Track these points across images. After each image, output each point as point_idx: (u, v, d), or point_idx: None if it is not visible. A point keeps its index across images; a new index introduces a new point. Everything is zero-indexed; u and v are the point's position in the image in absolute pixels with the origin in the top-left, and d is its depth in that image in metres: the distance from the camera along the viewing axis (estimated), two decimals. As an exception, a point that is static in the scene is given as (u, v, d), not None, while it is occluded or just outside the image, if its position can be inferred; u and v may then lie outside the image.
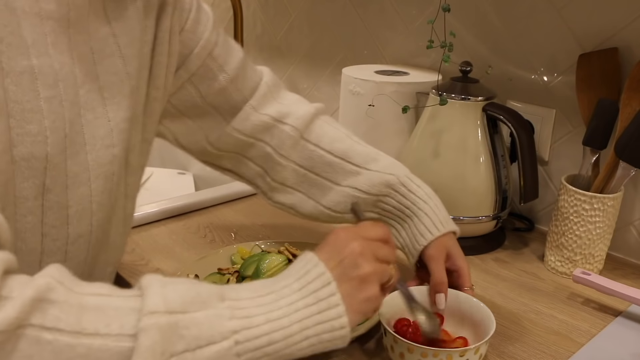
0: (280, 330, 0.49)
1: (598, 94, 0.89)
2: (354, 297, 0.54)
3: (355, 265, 0.54)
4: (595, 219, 0.84)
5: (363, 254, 0.55)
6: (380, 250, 0.57)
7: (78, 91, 0.57)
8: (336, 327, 0.52)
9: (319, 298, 0.52)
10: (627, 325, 0.77)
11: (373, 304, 0.56)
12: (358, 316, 0.54)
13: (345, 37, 1.31)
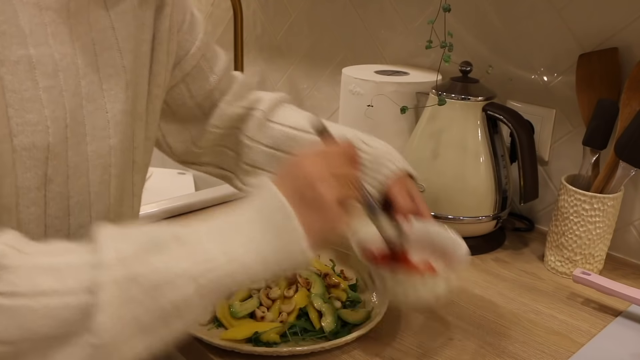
0: (242, 269, 0.50)
1: (598, 94, 0.89)
2: (313, 221, 0.53)
3: (312, 189, 0.53)
4: (595, 219, 0.84)
5: (322, 178, 0.54)
6: (341, 170, 0.56)
7: (80, 82, 0.58)
8: (297, 255, 0.52)
9: (280, 229, 0.51)
10: (627, 325, 0.77)
11: (334, 229, 0.55)
12: (320, 240, 0.54)
13: (345, 37, 1.31)
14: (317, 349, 0.67)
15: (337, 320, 0.71)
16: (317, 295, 0.73)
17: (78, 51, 0.58)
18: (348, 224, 0.57)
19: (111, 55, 0.61)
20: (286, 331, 0.70)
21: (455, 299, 0.81)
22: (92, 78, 0.59)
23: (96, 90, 0.60)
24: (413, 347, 0.71)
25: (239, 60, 1.45)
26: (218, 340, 0.68)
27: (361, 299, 0.77)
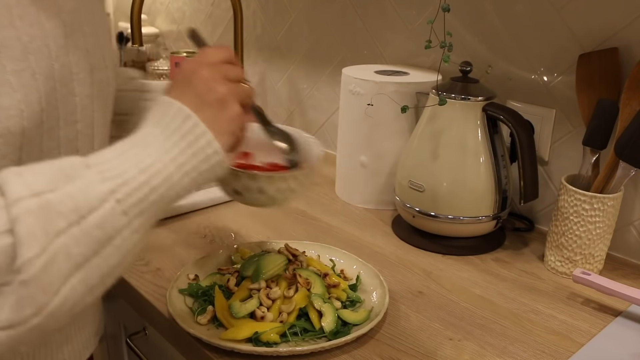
0: (158, 176, 0.50)
1: (598, 94, 0.89)
2: (217, 119, 0.54)
3: (209, 90, 0.55)
4: (595, 219, 0.84)
5: (214, 78, 0.55)
6: (229, 71, 0.57)
7: (53, 65, 0.57)
8: (210, 154, 0.53)
9: (184, 132, 0.52)
10: (627, 325, 0.77)
11: (238, 122, 0.56)
12: (228, 137, 0.55)
13: (345, 37, 1.31)
14: (317, 349, 0.68)
15: (337, 320, 0.71)
16: (317, 295, 0.73)
17: (49, 33, 0.57)
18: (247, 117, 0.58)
19: (78, 38, 0.62)
20: (286, 331, 0.70)
21: (456, 299, 0.81)
22: (64, 61, 0.59)
23: (67, 73, 0.60)
24: (413, 347, 0.71)
25: (239, 61, 1.45)
26: (218, 340, 0.68)
27: (361, 299, 0.77)
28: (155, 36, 1.93)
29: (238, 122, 0.56)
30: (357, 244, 0.97)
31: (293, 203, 1.11)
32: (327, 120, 1.41)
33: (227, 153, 0.56)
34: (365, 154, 1.08)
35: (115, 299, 0.97)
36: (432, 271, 0.89)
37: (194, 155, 0.52)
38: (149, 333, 0.90)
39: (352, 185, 1.13)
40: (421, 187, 0.94)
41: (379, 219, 1.07)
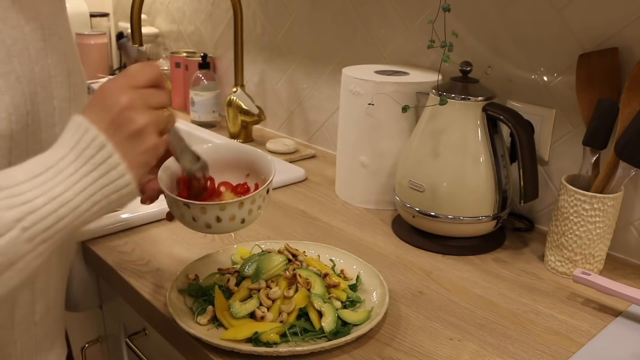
0: (66, 205, 0.50)
1: (598, 94, 0.89)
2: (132, 151, 0.53)
3: (128, 121, 0.53)
4: (595, 219, 0.84)
5: (134, 107, 0.53)
6: (152, 98, 0.55)
7: (33, 68, 0.58)
8: (121, 186, 0.53)
9: (98, 163, 0.51)
10: (627, 325, 0.77)
11: (153, 154, 0.55)
12: (141, 169, 0.54)
13: (345, 37, 1.31)
14: (317, 349, 0.68)
15: (337, 320, 0.71)
16: (317, 295, 0.73)
17: (28, 36, 0.57)
18: (163, 147, 0.56)
19: (55, 41, 0.62)
20: (286, 331, 0.70)
21: (456, 299, 0.81)
22: (43, 64, 0.59)
23: (46, 77, 0.60)
24: (413, 347, 0.71)
25: (239, 60, 1.45)
26: (218, 340, 0.68)
27: (361, 299, 0.77)
28: (155, 36, 1.93)
29: (152, 154, 0.55)
30: (357, 244, 0.97)
31: (293, 203, 1.11)
32: (327, 120, 1.41)
33: (138, 182, 0.55)
34: (365, 154, 1.08)
35: (115, 299, 0.97)
36: (432, 271, 0.89)
37: (105, 186, 0.52)
38: (148, 333, 0.90)
39: (352, 185, 1.13)
40: (421, 187, 0.94)
41: (379, 219, 1.07)
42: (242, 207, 0.64)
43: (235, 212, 0.64)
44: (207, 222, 0.64)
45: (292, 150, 1.38)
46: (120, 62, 2.01)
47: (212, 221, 0.64)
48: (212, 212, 0.63)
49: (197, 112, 1.58)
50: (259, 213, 0.67)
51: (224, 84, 1.69)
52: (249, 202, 0.65)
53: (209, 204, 0.64)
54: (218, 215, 0.64)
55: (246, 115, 1.44)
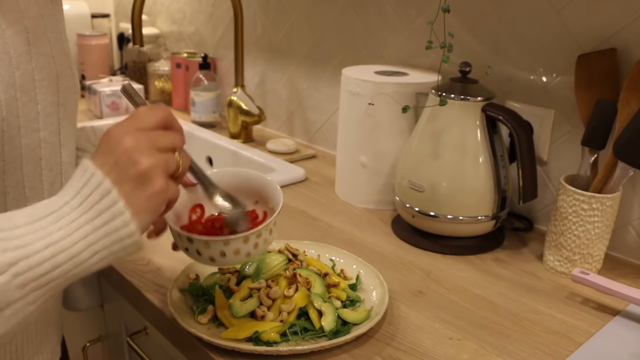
0: (64, 252, 0.47)
1: (597, 94, 0.89)
2: (137, 197, 0.50)
3: (131, 163, 0.50)
4: (593, 218, 0.84)
5: (138, 149, 0.50)
6: (161, 139, 0.53)
7: (14, 72, 0.56)
8: (124, 237, 0.50)
9: (101, 210, 0.49)
10: (625, 324, 0.78)
11: (160, 198, 0.52)
12: (147, 215, 0.51)
13: (345, 37, 1.32)
14: (317, 348, 0.68)
15: (337, 320, 0.72)
16: (317, 294, 0.73)
17: (9, 40, 0.56)
18: (176, 192, 0.54)
19: (42, 44, 0.60)
20: (286, 330, 0.70)
21: (455, 299, 0.82)
22: (25, 68, 0.58)
23: (29, 81, 0.59)
24: (413, 347, 0.71)
25: (240, 61, 1.45)
26: (218, 339, 0.68)
27: (361, 299, 0.78)
28: (156, 37, 1.94)
29: (160, 199, 0.52)
30: (357, 244, 0.97)
31: (293, 203, 1.12)
32: (327, 120, 1.41)
33: (145, 230, 0.52)
34: (365, 154, 1.09)
35: (116, 298, 0.97)
36: (431, 271, 0.89)
37: (106, 235, 0.49)
38: (149, 332, 0.90)
39: (352, 185, 1.13)
40: (421, 187, 0.94)
41: (379, 219, 1.07)
42: (247, 242, 0.62)
43: (240, 246, 0.62)
44: (210, 256, 0.62)
45: (292, 150, 1.38)
46: (121, 62, 2.01)
47: (216, 256, 0.62)
48: (216, 247, 0.62)
49: (197, 112, 1.58)
50: (266, 245, 0.65)
51: (224, 85, 1.69)
52: (254, 237, 0.62)
53: (212, 239, 0.62)
54: (222, 250, 0.62)
55: (246, 115, 1.44)
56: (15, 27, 0.57)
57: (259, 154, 1.35)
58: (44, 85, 0.61)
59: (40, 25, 0.61)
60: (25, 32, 0.58)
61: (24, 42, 0.58)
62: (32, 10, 0.60)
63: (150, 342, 0.91)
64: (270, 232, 0.65)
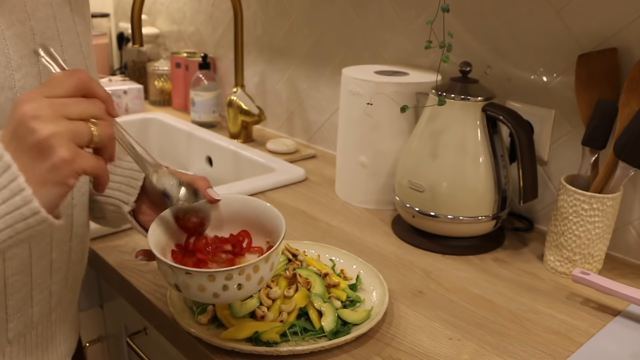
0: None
1: (597, 94, 0.89)
2: (36, 168, 0.46)
3: (29, 132, 0.45)
4: (594, 218, 0.84)
5: (37, 116, 0.45)
6: (71, 107, 0.48)
7: (13, 75, 0.55)
8: (28, 215, 0.46)
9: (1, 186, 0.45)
10: (626, 324, 0.77)
11: (64, 170, 0.47)
12: (52, 189, 0.47)
13: (345, 37, 1.32)
14: (317, 348, 0.68)
15: (337, 320, 0.71)
16: (317, 295, 0.73)
17: (9, 41, 0.54)
18: (91, 164, 0.49)
19: (52, 46, 0.58)
20: (286, 331, 0.70)
21: (455, 299, 0.82)
22: (28, 70, 0.56)
23: (34, 84, 0.56)
24: (413, 347, 0.71)
25: (240, 61, 1.45)
26: (218, 339, 0.68)
27: (361, 299, 0.78)
28: (155, 36, 1.94)
29: (64, 171, 0.47)
30: (357, 244, 0.97)
31: (293, 203, 1.12)
32: (327, 120, 1.41)
33: (54, 205, 0.48)
34: (365, 154, 1.09)
35: (116, 298, 0.97)
36: (431, 271, 0.89)
37: (8, 214, 0.46)
38: (149, 333, 0.90)
39: (352, 185, 1.13)
40: (421, 187, 0.94)
41: (379, 219, 1.07)
42: (233, 277, 0.58)
43: (222, 282, 0.58)
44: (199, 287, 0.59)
45: (292, 150, 1.38)
46: (120, 62, 2.01)
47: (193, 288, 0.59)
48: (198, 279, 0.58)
49: (197, 112, 1.58)
50: (257, 284, 0.60)
51: (224, 85, 1.69)
52: (250, 269, 0.58)
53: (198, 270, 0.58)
54: (201, 284, 0.58)
55: (246, 115, 1.44)
56: (18, 28, 0.56)
57: (259, 154, 1.35)
58: None
59: (51, 27, 0.59)
60: (30, 34, 0.57)
61: (28, 44, 0.57)
62: (42, 11, 0.58)
63: (150, 342, 0.91)
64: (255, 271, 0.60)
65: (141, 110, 1.70)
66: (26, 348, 0.67)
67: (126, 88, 1.66)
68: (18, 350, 0.66)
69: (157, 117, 1.66)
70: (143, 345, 0.91)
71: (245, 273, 0.59)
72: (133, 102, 1.67)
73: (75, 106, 0.48)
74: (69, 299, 0.73)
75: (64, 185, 0.47)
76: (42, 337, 0.69)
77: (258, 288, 0.61)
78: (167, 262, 0.59)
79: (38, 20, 0.58)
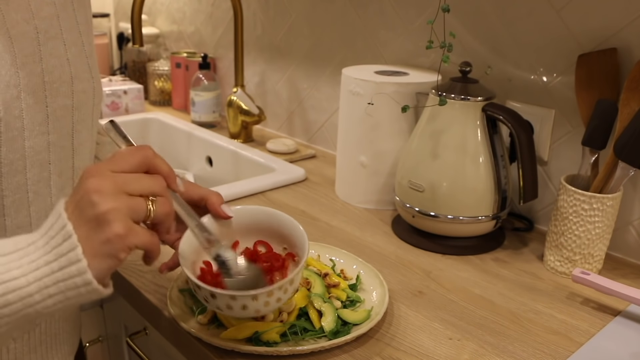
0: (16, 291, 0.46)
1: (597, 94, 0.89)
2: (92, 240, 0.48)
3: (90, 205, 0.48)
4: (594, 218, 0.84)
5: (100, 190, 0.48)
6: (132, 183, 0.50)
7: (18, 73, 0.55)
8: (79, 284, 0.48)
9: (60, 254, 0.48)
10: (626, 324, 0.77)
11: (116, 245, 0.49)
12: (104, 261, 0.49)
13: (345, 37, 1.32)
14: (317, 348, 0.68)
15: (337, 320, 0.71)
16: (317, 295, 0.73)
17: (14, 40, 0.55)
18: (145, 239, 0.51)
19: (56, 45, 0.59)
20: (286, 331, 0.70)
21: (455, 299, 0.82)
22: (32, 69, 0.57)
23: (37, 82, 0.57)
24: (413, 347, 0.71)
25: (239, 61, 1.45)
26: (218, 340, 0.68)
27: (361, 299, 0.78)
28: (155, 36, 1.94)
29: (117, 245, 0.49)
30: (357, 244, 0.97)
31: (293, 203, 1.12)
32: (327, 120, 1.41)
33: (106, 275, 0.50)
34: (365, 154, 1.09)
35: (116, 298, 0.97)
36: (432, 271, 0.89)
37: (62, 281, 0.48)
38: (149, 333, 0.90)
39: (352, 185, 1.13)
40: (421, 187, 0.94)
41: (379, 219, 1.07)
42: (256, 300, 0.60)
43: (248, 302, 0.61)
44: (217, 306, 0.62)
45: (292, 150, 1.38)
46: (121, 62, 2.01)
47: (223, 307, 0.62)
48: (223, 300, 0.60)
49: (197, 112, 1.58)
50: (278, 303, 0.63)
51: (224, 85, 1.69)
52: (264, 296, 0.61)
53: (222, 292, 0.60)
54: (228, 303, 0.61)
55: (246, 115, 1.44)
56: (23, 27, 0.56)
57: (259, 154, 1.35)
58: (54, 88, 0.59)
59: (55, 26, 0.60)
60: (34, 33, 0.57)
61: (32, 43, 0.57)
62: (46, 10, 0.59)
63: (149, 342, 0.91)
64: (284, 291, 0.63)
65: (141, 110, 1.70)
66: (30, 345, 0.67)
67: (126, 88, 1.66)
68: (22, 347, 0.66)
69: (157, 117, 1.66)
70: (143, 345, 0.91)
71: (284, 287, 0.62)
72: (133, 102, 1.67)
73: (136, 183, 0.50)
74: None
75: (115, 258, 0.49)
76: (45, 335, 0.69)
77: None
78: (207, 287, 0.60)
79: (42, 19, 0.58)
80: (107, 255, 0.49)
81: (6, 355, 0.65)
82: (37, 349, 0.69)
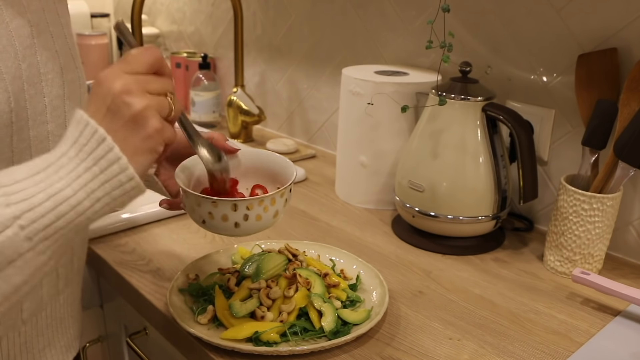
0: (66, 202, 0.48)
1: (597, 94, 0.89)
2: (132, 139, 0.51)
3: (124, 106, 0.50)
4: (594, 218, 0.84)
5: (129, 91, 0.51)
6: (152, 83, 0.53)
7: (20, 65, 0.57)
8: (124, 181, 0.51)
9: (98, 157, 0.50)
10: (626, 324, 0.77)
11: (157, 139, 0.52)
12: (144, 157, 0.52)
13: (345, 37, 1.31)
14: (317, 348, 0.68)
15: (337, 320, 0.71)
16: (317, 295, 0.73)
17: (14, 33, 0.57)
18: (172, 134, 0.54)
19: (45, 38, 0.61)
20: (286, 331, 0.70)
21: (455, 299, 0.82)
22: (31, 61, 0.59)
23: (35, 74, 0.60)
24: (413, 347, 0.71)
25: (239, 61, 1.45)
26: (218, 339, 0.68)
27: (361, 299, 0.78)
28: (155, 36, 1.94)
29: (156, 140, 0.52)
30: (357, 244, 0.97)
31: (293, 203, 1.12)
32: (327, 120, 1.41)
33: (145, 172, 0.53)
34: (365, 154, 1.09)
35: (116, 298, 0.97)
36: (432, 271, 0.89)
37: (106, 182, 0.50)
38: (149, 333, 0.90)
39: (352, 185, 1.13)
40: (421, 187, 0.94)
41: (379, 219, 1.07)
42: (254, 207, 0.63)
43: (244, 212, 0.63)
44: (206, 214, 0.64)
45: (292, 150, 1.38)
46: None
47: (207, 216, 0.64)
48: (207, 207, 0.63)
49: (197, 112, 1.58)
50: (273, 217, 0.65)
51: (224, 84, 1.69)
52: (268, 201, 0.64)
53: (221, 200, 0.63)
54: (210, 211, 0.63)
55: (246, 115, 1.44)
56: (19, 20, 0.58)
57: (259, 153, 1.34)
58: (49, 79, 0.62)
59: (43, 20, 0.62)
60: (28, 26, 0.59)
61: (28, 36, 0.59)
62: (34, 4, 0.60)
63: (149, 342, 0.91)
64: (273, 203, 0.65)
65: (141, 110, 1.69)
66: (38, 328, 0.69)
67: (126, 88, 1.66)
68: (31, 330, 0.68)
69: (157, 117, 1.65)
70: (143, 345, 0.91)
71: (264, 204, 0.64)
72: (133, 102, 1.67)
73: (155, 83, 0.53)
74: (75, 282, 0.75)
75: (155, 152, 0.53)
76: (52, 318, 0.71)
77: (273, 221, 0.66)
78: (194, 193, 0.63)
79: (33, 13, 0.60)
80: (148, 151, 0.52)
81: (17, 339, 0.67)
82: (44, 332, 0.70)
